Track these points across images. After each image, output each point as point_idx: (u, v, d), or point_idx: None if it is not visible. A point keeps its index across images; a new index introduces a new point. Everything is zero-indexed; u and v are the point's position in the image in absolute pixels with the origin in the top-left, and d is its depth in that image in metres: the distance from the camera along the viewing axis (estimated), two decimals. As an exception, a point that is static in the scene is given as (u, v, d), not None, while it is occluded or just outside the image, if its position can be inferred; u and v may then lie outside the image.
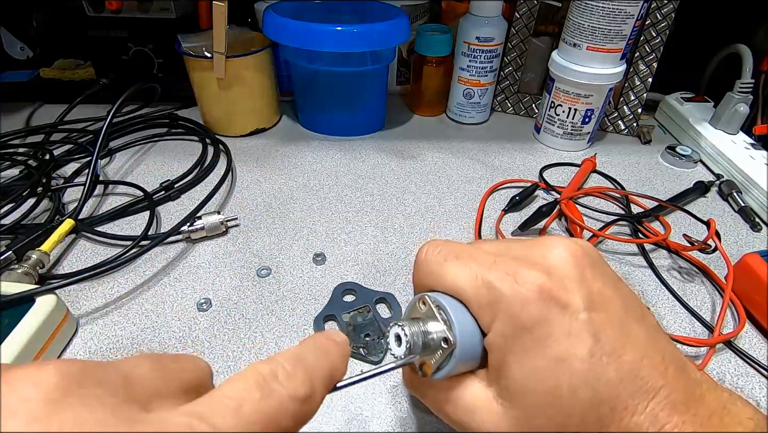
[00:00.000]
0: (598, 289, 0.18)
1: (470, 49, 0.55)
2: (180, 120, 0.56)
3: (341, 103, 0.54)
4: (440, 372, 0.19)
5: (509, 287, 0.18)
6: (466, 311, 0.19)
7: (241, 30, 0.53)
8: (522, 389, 0.18)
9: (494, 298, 0.18)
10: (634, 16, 0.47)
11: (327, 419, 0.27)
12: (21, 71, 0.61)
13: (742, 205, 0.46)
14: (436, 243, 0.21)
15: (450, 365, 0.19)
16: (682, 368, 0.18)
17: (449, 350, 0.19)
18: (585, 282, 0.18)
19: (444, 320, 0.19)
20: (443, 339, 0.19)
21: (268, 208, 0.44)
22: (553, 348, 0.17)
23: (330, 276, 0.37)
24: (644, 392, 0.16)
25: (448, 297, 0.20)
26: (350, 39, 0.47)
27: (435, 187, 0.48)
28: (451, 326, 0.19)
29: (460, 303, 0.19)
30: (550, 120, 0.55)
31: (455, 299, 0.20)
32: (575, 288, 0.18)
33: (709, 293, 0.37)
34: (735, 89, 0.52)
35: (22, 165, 0.46)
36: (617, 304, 0.18)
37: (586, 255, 0.19)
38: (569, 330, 0.17)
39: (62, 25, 0.57)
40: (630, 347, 0.17)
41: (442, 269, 0.20)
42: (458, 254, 0.20)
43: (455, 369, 0.19)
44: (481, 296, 0.19)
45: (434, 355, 0.19)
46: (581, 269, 0.18)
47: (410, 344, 0.19)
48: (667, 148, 0.54)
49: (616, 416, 0.16)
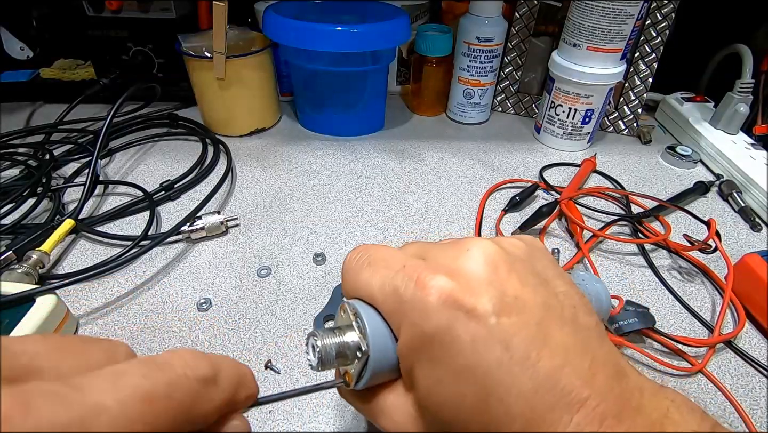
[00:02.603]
0: (513, 290, 0.16)
1: (470, 49, 0.55)
2: (180, 120, 0.56)
3: (341, 103, 0.54)
4: (360, 382, 0.19)
5: (411, 293, 0.17)
6: (381, 319, 0.19)
7: (241, 30, 0.53)
8: (429, 401, 0.17)
9: (398, 305, 0.17)
10: (634, 16, 0.47)
11: (326, 418, 0.27)
12: (21, 71, 0.61)
13: (742, 205, 0.46)
14: (358, 249, 0.21)
15: (367, 374, 0.18)
16: (617, 373, 0.16)
17: (364, 359, 0.18)
18: (496, 284, 0.16)
19: (359, 327, 0.19)
20: (357, 348, 0.18)
21: (268, 208, 0.44)
22: (458, 359, 0.16)
23: (330, 276, 0.37)
24: (566, 404, 0.15)
25: (365, 305, 0.19)
26: (350, 39, 0.47)
27: (435, 187, 0.48)
28: (365, 334, 0.18)
29: (375, 311, 0.19)
30: (550, 120, 0.55)
31: (372, 307, 0.19)
32: (483, 291, 0.16)
33: (709, 293, 0.37)
34: (735, 89, 0.52)
35: (22, 165, 0.46)
36: (536, 305, 0.16)
37: (505, 254, 0.18)
38: (474, 337, 0.15)
39: (62, 25, 0.57)
40: (548, 353, 0.15)
41: (358, 276, 0.19)
42: (373, 260, 0.19)
43: (374, 378, 0.19)
44: (387, 303, 0.18)
45: (353, 363, 0.19)
46: (494, 269, 0.17)
47: (321, 355, 0.18)
48: (667, 148, 0.54)
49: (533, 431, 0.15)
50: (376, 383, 0.19)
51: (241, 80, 0.51)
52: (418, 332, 0.16)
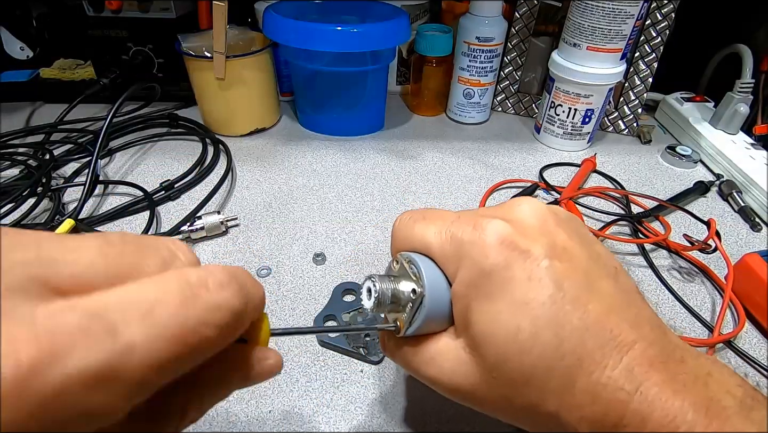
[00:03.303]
0: (561, 241, 0.18)
1: (470, 49, 0.55)
2: (180, 120, 0.56)
3: (341, 103, 0.54)
4: (412, 326, 0.19)
5: (470, 236, 0.18)
6: (435, 266, 0.20)
7: (241, 30, 0.53)
8: (485, 336, 0.17)
9: (457, 247, 0.18)
10: (634, 16, 0.47)
11: (326, 418, 0.27)
12: (21, 71, 0.61)
13: (742, 205, 0.46)
14: (408, 211, 0.22)
15: (421, 315, 0.19)
16: (660, 329, 0.17)
17: (419, 300, 0.19)
18: (547, 233, 0.18)
19: (414, 273, 0.20)
20: (412, 290, 0.19)
21: (268, 208, 0.44)
22: (515, 292, 0.17)
23: (330, 276, 0.37)
24: (616, 345, 0.15)
25: (418, 254, 0.20)
26: (350, 39, 0.47)
27: (435, 187, 0.48)
28: (420, 276, 0.19)
29: (429, 259, 0.20)
30: (550, 120, 0.55)
31: (425, 256, 0.20)
32: (536, 237, 0.18)
33: (709, 293, 0.37)
34: (735, 89, 0.52)
35: (22, 165, 0.46)
36: (583, 257, 0.18)
37: (552, 212, 0.19)
38: (530, 275, 0.17)
39: (62, 25, 0.57)
40: (596, 298, 0.16)
41: (411, 231, 0.21)
42: (427, 214, 0.21)
43: (426, 322, 0.19)
44: (445, 249, 0.19)
45: (405, 310, 0.20)
46: (543, 221, 0.18)
47: (379, 296, 0.19)
48: (667, 148, 0.54)
49: (584, 369, 0.15)
50: (425, 331, 0.20)
51: (241, 80, 0.51)
52: (477, 269, 0.18)
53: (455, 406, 0.28)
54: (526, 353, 0.16)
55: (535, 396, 0.16)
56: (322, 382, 0.29)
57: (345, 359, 0.30)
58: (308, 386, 0.29)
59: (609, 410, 0.15)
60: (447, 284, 0.19)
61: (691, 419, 0.14)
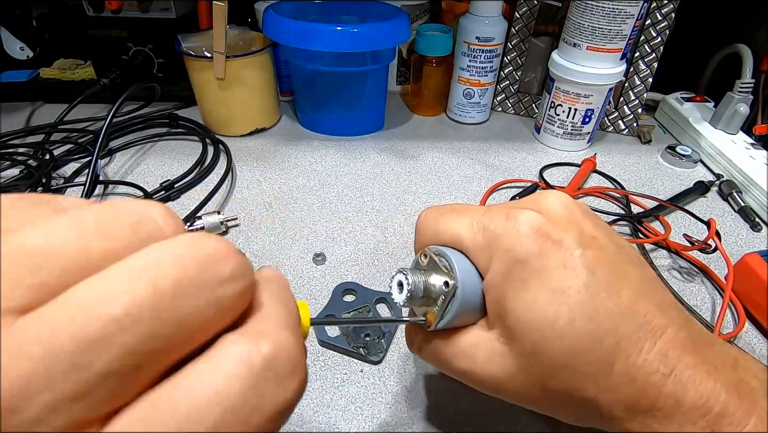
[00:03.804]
0: (589, 231, 0.18)
1: (470, 49, 0.55)
2: (180, 120, 0.56)
3: (341, 103, 0.54)
4: (444, 319, 0.19)
5: (503, 226, 0.18)
6: (466, 258, 0.20)
7: (241, 30, 0.53)
8: (523, 324, 0.17)
9: (490, 238, 0.19)
10: (634, 16, 0.47)
11: (326, 418, 0.27)
12: (21, 71, 0.61)
13: (742, 205, 0.46)
14: (434, 206, 0.22)
15: (454, 308, 0.19)
16: (685, 313, 0.18)
17: (451, 292, 0.19)
18: (575, 223, 0.18)
19: (444, 266, 0.19)
20: (444, 283, 0.19)
21: (268, 208, 0.44)
22: (551, 280, 0.17)
23: (330, 276, 0.37)
24: (649, 330, 0.16)
25: (447, 248, 0.20)
26: (350, 39, 0.47)
27: (435, 187, 0.48)
28: (451, 268, 0.19)
29: (459, 252, 0.20)
30: (550, 120, 0.55)
31: (454, 249, 0.20)
32: (567, 227, 0.18)
33: (709, 293, 0.37)
34: (735, 89, 0.52)
35: (22, 165, 0.46)
36: (610, 247, 0.18)
37: (577, 204, 0.20)
38: (564, 263, 0.17)
39: (62, 25, 0.57)
40: (626, 285, 0.17)
41: (439, 224, 0.21)
42: (455, 207, 0.21)
43: (459, 314, 0.19)
44: (477, 240, 0.19)
45: (436, 304, 0.19)
46: (570, 212, 0.19)
47: (412, 289, 0.19)
48: (667, 148, 0.54)
49: (621, 352, 0.16)
50: (457, 324, 0.20)
51: (241, 80, 0.51)
52: (512, 258, 0.18)
53: (456, 406, 0.28)
54: (565, 339, 0.17)
55: (573, 381, 0.17)
56: (322, 382, 0.29)
57: (345, 359, 0.30)
58: (308, 386, 0.29)
59: (643, 393, 0.16)
60: (478, 276, 0.19)
61: (724, 399, 0.15)
